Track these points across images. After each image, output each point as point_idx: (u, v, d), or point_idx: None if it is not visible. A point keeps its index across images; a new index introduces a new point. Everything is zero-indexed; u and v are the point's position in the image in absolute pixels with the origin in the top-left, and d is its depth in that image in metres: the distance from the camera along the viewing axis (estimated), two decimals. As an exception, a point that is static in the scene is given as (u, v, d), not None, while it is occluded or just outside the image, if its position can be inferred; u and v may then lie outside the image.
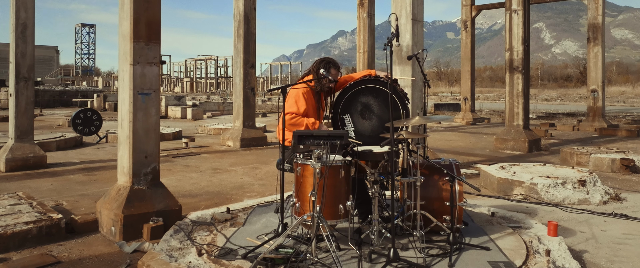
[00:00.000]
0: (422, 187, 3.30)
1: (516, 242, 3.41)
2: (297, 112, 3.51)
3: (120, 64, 4.31)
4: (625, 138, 12.55)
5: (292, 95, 3.59)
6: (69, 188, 6.12)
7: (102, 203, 4.29)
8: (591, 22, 14.48)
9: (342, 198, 3.09)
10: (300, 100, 3.54)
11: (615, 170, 7.74)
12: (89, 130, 10.83)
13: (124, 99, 4.25)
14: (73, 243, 3.97)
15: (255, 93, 10.60)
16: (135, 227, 4.04)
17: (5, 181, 6.55)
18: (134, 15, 4.17)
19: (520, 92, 10.13)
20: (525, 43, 10.10)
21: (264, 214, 4.08)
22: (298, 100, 3.54)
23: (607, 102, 35.23)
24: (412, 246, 3.15)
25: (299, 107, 3.51)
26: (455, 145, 11.15)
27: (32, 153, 7.38)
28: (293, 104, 3.54)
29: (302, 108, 3.53)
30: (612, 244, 4.22)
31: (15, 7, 7.23)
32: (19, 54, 7.29)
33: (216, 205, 5.36)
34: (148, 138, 4.28)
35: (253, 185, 6.45)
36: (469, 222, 3.89)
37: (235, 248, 3.18)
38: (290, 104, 3.54)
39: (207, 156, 9.01)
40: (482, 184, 6.62)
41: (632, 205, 5.66)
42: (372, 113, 3.86)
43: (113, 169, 7.48)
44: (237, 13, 10.21)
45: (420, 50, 4.74)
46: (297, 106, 3.51)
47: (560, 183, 5.86)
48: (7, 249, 3.74)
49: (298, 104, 3.52)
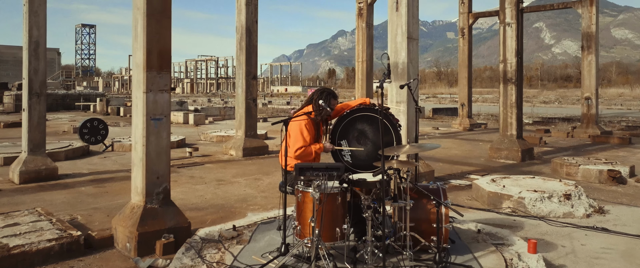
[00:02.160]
0: (411, 210, 3.64)
1: (497, 260, 3.75)
2: (304, 144, 3.87)
3: (134, 91, 4.65)
4: (617, 146, 12.88)
5: (296, 129, 3.93)
6: (82, 202, 6.46)
7: (118, 220, 4.63)
8: (585, 30, 14.81)
9: (338, 222, 3.43)
10: (304, 132, 3.89)
11: (602, 181, 8.07)
12: (95, 139, 11.16)
13: (138, 124, 4.58)
14: (92, 259, 4.31)
15: (256, 104, 10.94)
16: (149, 243, 4.37)
17: (20, 194, 6.88)
18: (146, 47, 4.50)
19: (513, 103, 10.47)
20: (519, 55, 10.44)
21: (267, 232, 4.41)
22: (303, 132, 3.89)
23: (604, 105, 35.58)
24: (402, 264, 3.49)
25: (306, 139, 3.87)
26: (451, 154, 11.48)
27: (44, 166, 7.72)
28: (299, 137, 3.88)
29: (308, 139, 3.89)
30: (590, 259, 4.56)
31: (28, 26, 7.56)
32: (32, 71, 7.63)
33: (222, 219, 5.70)
34: (160, 160, 4.61)
35: (256, 198, 6.78)
36: (456, 239, 4.23)
37: (242, 267, 3.52)
38: (297, 138, 3.88)
39: (211, 166, 9.35)
40: (473, 196, 6.96)
41: (614, 218, 5.99)
42: (367, 139, 4.20)
43: (121, 181, 7.84)
44: (239, 26, 10.55)
45: (412, 79, 5.07)
46: (303, 138, 3.87)
47: (546, 197, 6.19)
48: (32, 265, 4.08)
49: (304, 135, 3.88)
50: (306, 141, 3.90)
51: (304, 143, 3.89)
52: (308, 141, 3.91)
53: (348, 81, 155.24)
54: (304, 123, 3.91)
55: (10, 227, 4.57)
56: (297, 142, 3.89)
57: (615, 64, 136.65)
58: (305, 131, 3.92)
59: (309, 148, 3.89)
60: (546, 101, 41.27)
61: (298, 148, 3.83)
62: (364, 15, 13.37)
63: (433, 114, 23.15)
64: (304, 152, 3.88)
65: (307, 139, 3.90)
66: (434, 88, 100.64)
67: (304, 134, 3.90)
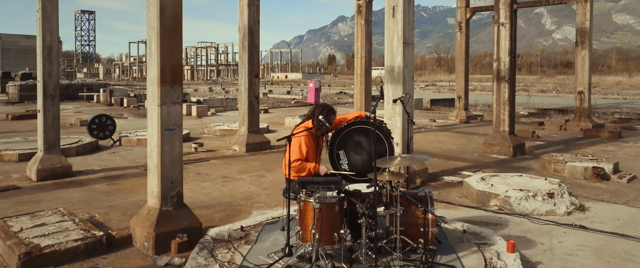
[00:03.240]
0: (401, 216, 4.08)
1: (478, 260, 4.20)
2: (301, 157, 4.30)
3: (149, 104, 5.06)
4: (607, 140, 13.31)
5: (296, 143, 4.36)
6: (97, 200, 6.91)
7: (135, 221, 5.08)
8: (580, 26, 15.14)
9: (336, 227, 3.88)
10: (302, 146, 4.32)
11: (587, 177, 8.52)
12: (103, 134, 11.59)
13: (153, 134, 5.01)
14: (114, 257, 4.77)
15: (259, 100, 11.34)
16: (165, 243, 4.83)
17: (39, 191, 7.34)
18: (160, 64, 4.90)
19: (506, 101, 10.87)
20: (512, 54, 10.81)
21: (272, 232, 4.87)
22: (301, 147, 4.32)
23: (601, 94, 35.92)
24: (393, 264, 3.94)
25: (303, 152, 4.30)
26: (446, 148, 11.92)
27: (59, 164, 8.16)
28: (297, 151, 4.32)
29: (305, 152, 4.32)
30: (565, 255, 5.02)
31: (42, 31, 7.93)
32: (46, 74, 8.02)
33: (229, 217, 6.16)
34: (173, 167, 5.05)
35: (260, 196, 7.23)
36: (443, 240, 4.68)
37: (251, 266, 3.98)
38: (295, 152, 4.31)
39: (216, 162, 9.80)
40: (464, 194, 7.41)
41: (593, 215, 6.45)
42: (362, 149, 4.64)
43: (132, 178, 8.30)
44: (241, 26, 10.90)
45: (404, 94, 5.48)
46: (301, 152, 4.30)
47: (531, 195, 6.65)
48: (61, 263, 4.54)
49: (301, 150, 4.31)
50: (302, 155, 4.33)
51: (300, 156, 4.32)
52: (304, 155, 4.34)
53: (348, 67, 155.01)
54: (303, 138, 4.34)
55: (39, 227, 5.02)
56: (294, 155, 4.32)
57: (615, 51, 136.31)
58: (303, 145, 4.35)
59: (305, 164, 4.32)
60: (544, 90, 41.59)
61: (294, 160, 4.26)
62: (363, 13, 13.70)
63: (431, 105, 23.54)
64: (299, 166, 4.31)
65: (303, 153, 4.34)
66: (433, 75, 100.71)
67: (301, 148, 4.34)
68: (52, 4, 7.98)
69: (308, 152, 4.44)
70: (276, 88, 47.08)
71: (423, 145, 12.37)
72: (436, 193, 7.46)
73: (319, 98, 27.12)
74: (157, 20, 4.87)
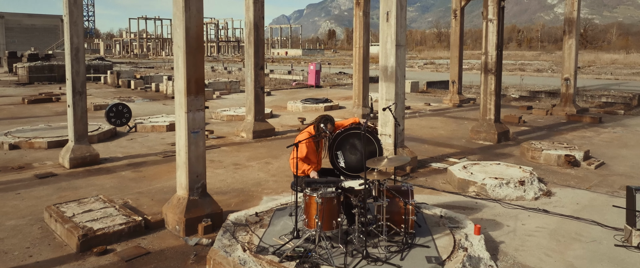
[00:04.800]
0: (387, 206, 5.07)
1: (448, 241, 5.22)
2: (301, 157, 5.33)
3: (177, 111, 6.00)
4: (588, 125, 14.27)
5: (300, 147, 5.34)
6: (126, 186, 7.92)
7: (167, 208, 6.09)
8: (567, 16, 15.91)
9: (335, 216, 4.87)
10: (302, 149, 5.36)
11: (560, 164, 9.52)
12: (120, 121, 12.54)
13: (181, 136, 5.96)
14: (151, 238, 5.80)
15: (264, 91, 12.25)
16: (192, 226, 5.85)
17: (74, 178, 8.34)
18: (186, 77, 5.82)
19: (492, 91, 11.79)
20: (499, 48, 11.67)
21: (281, 217, 5.87)
22: (302, 149, 5.33)
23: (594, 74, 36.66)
24: (380, 244, 4.95)
25: (302, 153, 5.36)
26: (437, 134, 12.89)
27: (88, 153, 9.14)
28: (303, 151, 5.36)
29: (304, 153, 5.38)
30: (524, 236, 6.04)
31: (69, 34, 8.79)
32: (74, 73, 8.92)
33: (243, 202, 7.18)
34: (198, 163, 6.03)
35: (268, 182, 8.24)
36: (422, 224, 5.69)
37: (267, 246, 4.99)
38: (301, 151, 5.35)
39: (226, 149, 10.78)
40: (447, 180, 8.41)
41: (557, 200, 7.46)
42: (357, 150, 5.61)
43: (153, 165, 9.30)
44: (248, 22, 11.72)
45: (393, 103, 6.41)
46: (301, 153, 5.33)
47: (504, 183, 7.65)
48: (110, 242, 5.56)
49: (301, 150, 5.32)
50: (302, 155, 5.38)
51: (301, 155, 5.35)
52: (304, 155, 5.42)
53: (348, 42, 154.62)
54: (305, 143, 5.35)
55: (87, 213, 6.03)
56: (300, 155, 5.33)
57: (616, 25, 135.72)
58: (304, 148, 5.38)
59: (303, 164, 5.38)
60: (540, 69, 42.27)
61: (294, 157, 5.26)
62: (361, 5, 14.45)
63: (427, 88, 24.39)
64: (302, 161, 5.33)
65: (303, 153, 5.40)
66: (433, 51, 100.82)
67: (302, 150, 5.35)
68: (77, 9, 8.82)
69: (308, 152, 5.44)
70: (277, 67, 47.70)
71: (416, 131, 13.33)
72: (423, 179, 8.47)
73: (320, 79, 27.94)
74: (183, 41, 5.76)
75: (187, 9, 5.71)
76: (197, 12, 5.80)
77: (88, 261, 5.15)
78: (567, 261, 5.31)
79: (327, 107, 17.18)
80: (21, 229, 6.00)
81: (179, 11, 5.76)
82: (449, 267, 4.67)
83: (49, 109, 17.12)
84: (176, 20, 5.82)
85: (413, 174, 8.77)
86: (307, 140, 5.38)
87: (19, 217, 6.43)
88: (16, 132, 11.59)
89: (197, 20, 5.82)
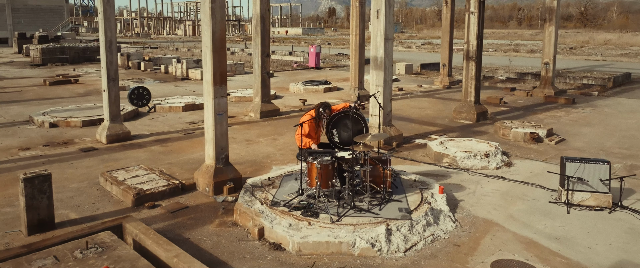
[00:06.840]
0: (370, 171, 6.64)
1: (417, 198, 6.81)
2: (304, 133, 6.88)
3: (206, 97, 7.52)
4: (561, 106, 15.78)
5: (304, 125, 6.89)
6: (158, 158, 9.49)
7: (198, 174, 7.68)
8: (548, 5, 17.26)
9: (330, 178, 6.44)
10: (306, 127, 6.90)
11: (526, 140, 11.08)
12: (141, 102, 14.06)
13: (208, 117, 7.51)
14: (187, 197, 7.40)
15: (270, 75, 13.73)
16: (219, 188, 7.44)
17: (112, 152, 9.91)
18: (213, 71, 7.33)
19: (473, 76, 13.28)
20: (479, 38, 13.10)
21: (289, 181, 7.45)
22: (305, 128, 6.89)
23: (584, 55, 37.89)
24: (364, 200, 6.54)
25: (305, 131, 6.89)
26: (424, 114, 14.42)
27: (121, 131, 10.70)
28: (306, 129, 6.89)
29: (307, 131, 6.90)
30: (481, 196, 7.63)
31: (104, 29, 10.25)
32: (108, 62, 10.40)
33: (256, 170, 8.76)
34: (222, 138, 7.58)
35: (276, 155, 9.81)
36: (399, 185, 7.27)
37: (278, 201, 6.58)
38: (305, 129, 6.88)
39: (237, 127, 12.33)
40: (426, 154, 9.97)
41: (515, 170, 9.04)
42: (348, 128, 7.17)
43: (177, 141, 10.86)
44: (255, 13, 13.13)
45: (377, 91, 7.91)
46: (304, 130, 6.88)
47: (472, 155, 9.22)
48: (156, 200, 7.15)
49: (305, 129, 6.88)
50: (305, 132, 6.93)
51: (304, 133, 6.90)
52: (307, 132, 6.94)
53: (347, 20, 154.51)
54: (308, 123, 6.89)
55: (135, 177, 7.62)
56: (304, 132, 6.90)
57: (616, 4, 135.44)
58: (306, 127, 6.94)
59: (306, 140, 6.94)
60: (533, 50, 43.50)
61: (299, 134, 6.81)
62: (357, -5, 15.79)
63: (421, 69, 25.78)
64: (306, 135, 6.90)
65: (306, 131, 6.95)
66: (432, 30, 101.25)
67: (305, 128, 6.91)
68: (110, 7, 10.25)
69: (310, 130, 7.01)
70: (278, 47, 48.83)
71: (406, 111, 14.86)
72: (406, 153, 10.04)
73: (320, 61, 29.30)
74: (210, 41, 7.26)
75: (213, 16, 7.19)
76: (221, 19, 7.28)
77: (142, 212, 6.76)
78: (509, 213, 6.92)
79: (327, 89, 18.66)
80: (84, 190, 7.61)
81: (206, 17, 7.24)
82: (416, 215, 6.26)
83: (70, 90, 18.58)
84: (204, 25, 7.30)
85: (398, 149, 10.34)
86: (309, 120, 6.93)
87: (79, 181, 8.03)
88: (52, 112, 13.12)
89: (221, 25, 7.31)
